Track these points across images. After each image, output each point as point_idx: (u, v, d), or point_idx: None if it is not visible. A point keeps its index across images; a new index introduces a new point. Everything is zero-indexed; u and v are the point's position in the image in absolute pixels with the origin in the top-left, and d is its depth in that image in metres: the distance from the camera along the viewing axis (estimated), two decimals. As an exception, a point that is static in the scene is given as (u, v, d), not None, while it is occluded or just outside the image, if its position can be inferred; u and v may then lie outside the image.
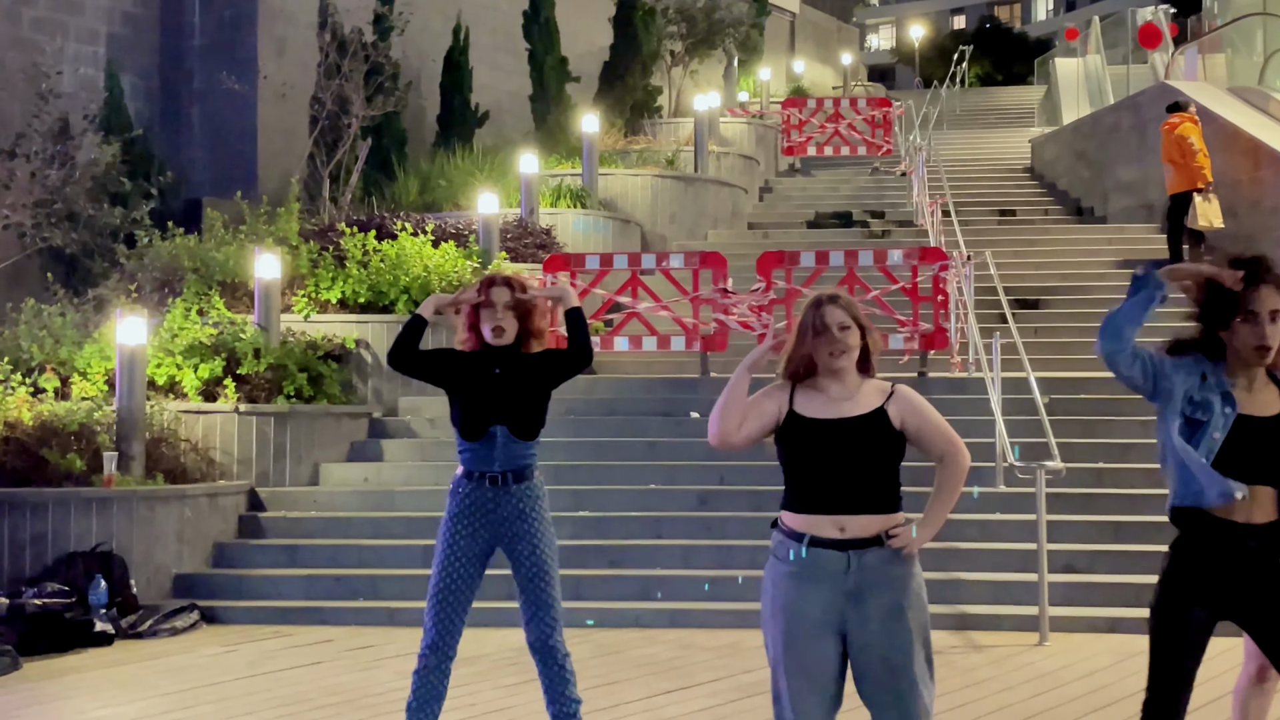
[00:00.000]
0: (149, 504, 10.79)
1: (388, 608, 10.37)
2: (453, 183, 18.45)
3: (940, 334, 13.21)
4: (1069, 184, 21.83)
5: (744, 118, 24.33)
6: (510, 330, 5.88)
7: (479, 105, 21.03)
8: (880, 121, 24.15)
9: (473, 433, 5.89)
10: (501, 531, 5.92)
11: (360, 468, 12.47)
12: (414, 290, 13.65)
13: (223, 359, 12.26)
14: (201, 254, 13.91)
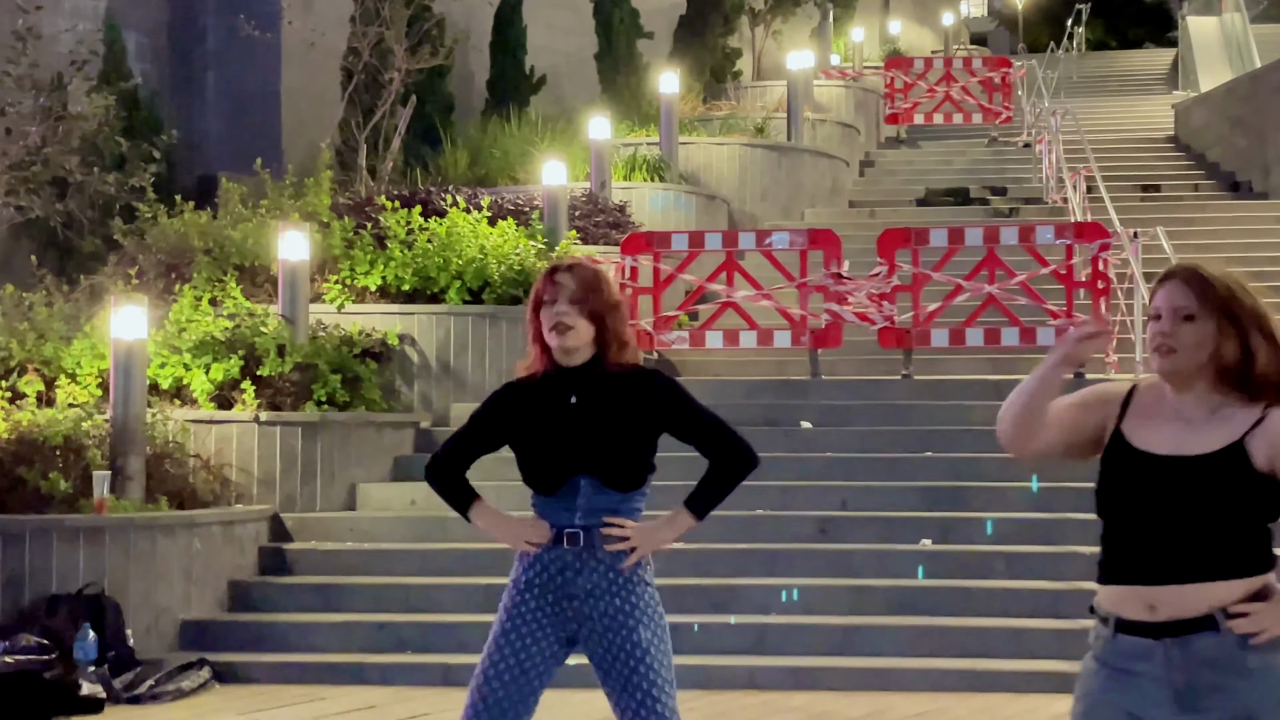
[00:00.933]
0: (150, 535, 9.62)
1: (442, 664, 9.14)
2: (508, 153, 17.34)
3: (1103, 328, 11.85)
4: (1221, 155, 20.51)
5: (841, 80, 23.03)
6: (581, 330, 4.54)
7: (534, 68, 19.87)
8: (999, 84, 22.82)
9: (547, 486, 4.60)
10: (584, 612, 4.53)
11: (406, 488, 11.26)
12: (468, 275, 12.46)
13: (240, 357, 11.09)
14: (215, 232, 12.76)
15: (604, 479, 4.51)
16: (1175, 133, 22.54)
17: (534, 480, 4.60)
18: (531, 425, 4.60)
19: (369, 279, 12.51)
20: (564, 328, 4.49)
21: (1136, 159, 21.21)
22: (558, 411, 4.56)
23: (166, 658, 9.27)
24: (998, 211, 18.07)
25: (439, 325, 12.28)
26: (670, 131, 17.23)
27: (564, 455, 4.52)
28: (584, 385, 4.56)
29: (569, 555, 4.51)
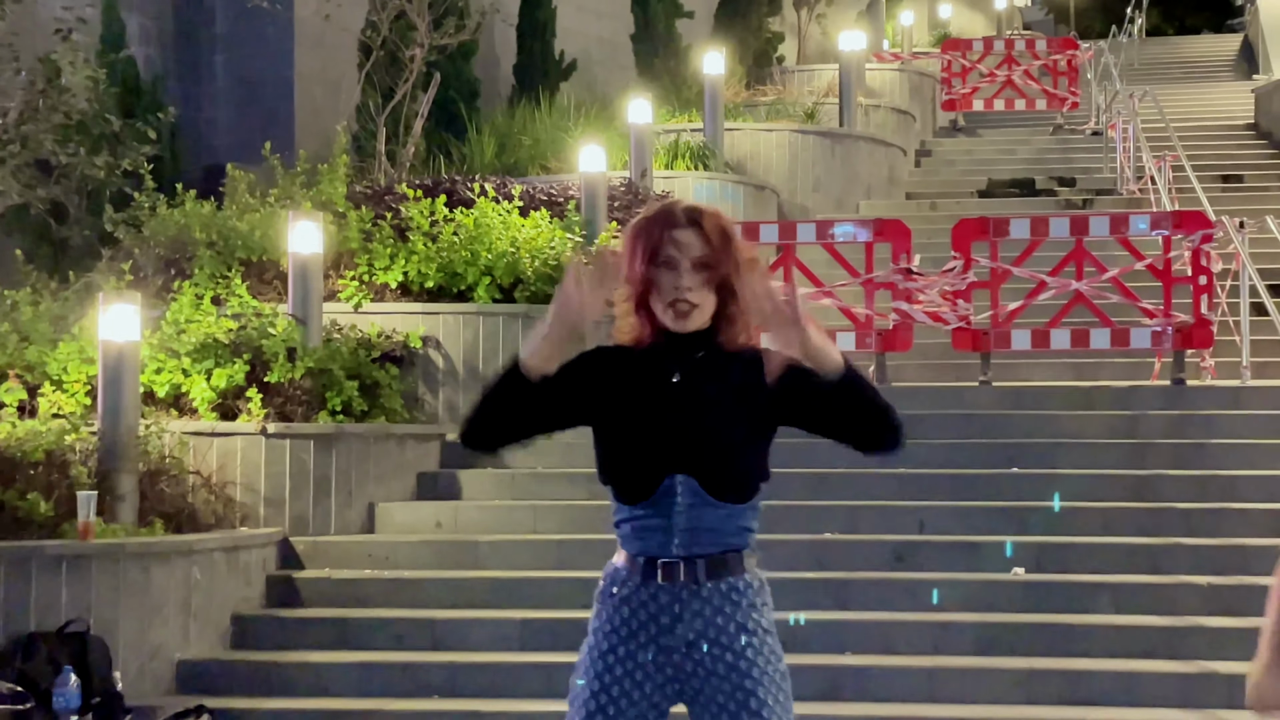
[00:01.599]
0: (143, 563, 8.74)
1: (473, 711, 8.28)
2: (539, 141, 16.55)
3: (1202, 327, 10.95)
4: (1310, 143, 19.53)
5: (895, 64, 22.13)
6: (706, 306, 3.68)
7: (564, 52, 19.05)
8: (1065, 68, 21.88)
9: (634, 488, 3.72)
10: (686, 668, 3.69)
11: (430, 508, 10.41)
12: (498, 271, 11.59)
13: (245, 362, 10.24)
14: (219, 224, 11.90)
15: (707, 484, 3.65)
16: (1255, 120, 21.57)
17: (618, 479, 3.75)
18: (621, 405, 3.73)
19: (389, 275, 11.65)
20: (687, 307, 3.64)
21: (1214, 147, 20.23)
22: (657, 392, 3.71)
23: (161, 703, 8.40)
24: (1069, 203, 17.16)
25: (467, 326, 11.41)
26: (715, 116, 16.40)
27: (660, 447, 3.67)
28: (693, 362, 3.72)
29: (664, 595, 3.66)
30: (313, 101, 17.36)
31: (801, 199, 16.97)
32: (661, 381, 3.71)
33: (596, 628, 3.77)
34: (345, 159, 12.80)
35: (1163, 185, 15.01)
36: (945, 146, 21.26)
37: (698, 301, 3.63)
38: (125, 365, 9.23)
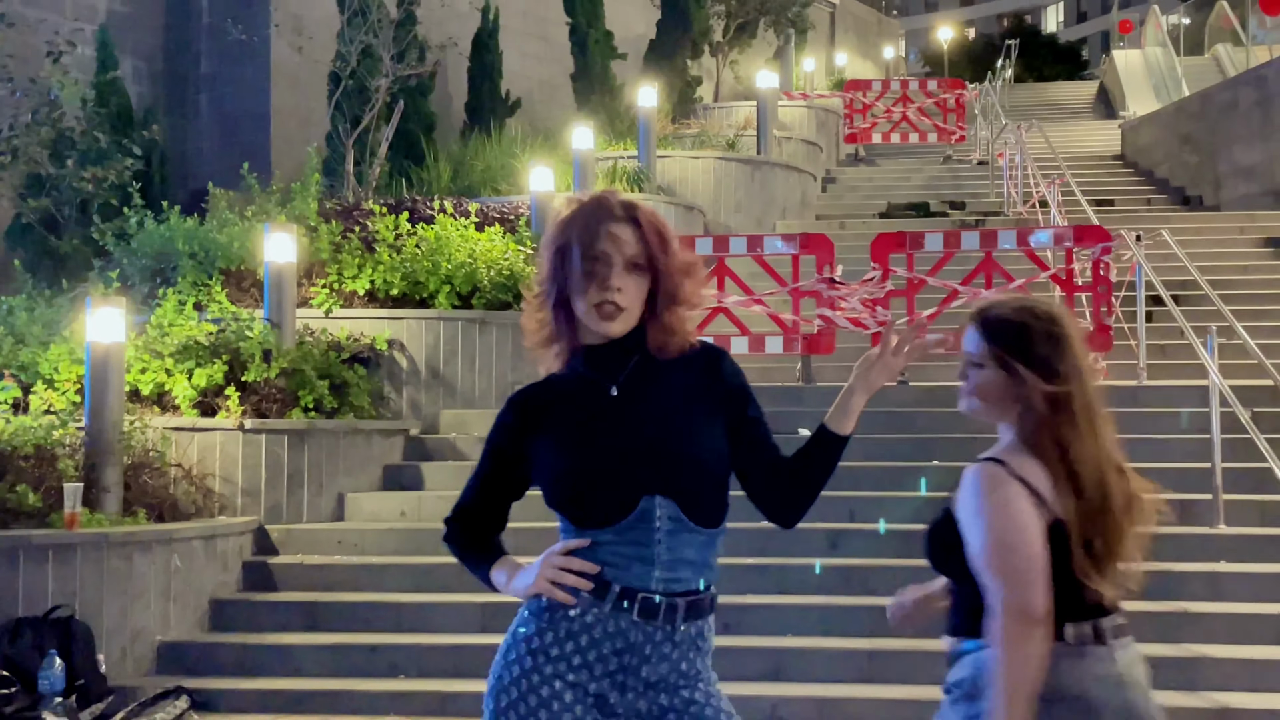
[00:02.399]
0: (125, 551, 7.98)
1: (439, 692, 7.56)
2: (490, 166, 15.91)
3: (1103, 332, 10.43)
4: (1170, 171, 19.17)
5: (803, 101, 21.60)
6: (634, 310, 2.94)
7: (509, 92, 18.47)
8: (953, 106, 21.42)
9: (605, 512, 2.91)
10: (637, 708, 2.91)
11: (396, 498, 9.70)
12: (457, 280, 10.93)
13: (224, 363, 9.51)
14: (201, 236, 11.14)
15: (687, 507, 2.88)
16: (1122, 151, 21.23)
17: (583, 503, 2.93)
18: (564, 429, 2.96)
19: (357, 283, 10.95)
20: (613, 310, 2.90)
21: (1087, 175, 19.82)
22: (596, 406, 2.95)
23: (142, 684, 7.65)
24: (962, 224, 16.64)
25: (428, 330, 10.74)
26: (648, 144, 15.75)
27: (626, 466, 2.89)
28: (625, 370, 2.98)
29: (636, 633, 2.88)
30: (287, 134, 16.87)
31: (725, 219, 16.38)
32: (598, 397, 2.96)
33: (539, 649, 2.92)
34: (317, 177, 12.04)
35: (1054, 206, 14.51)
36: (849, 174, 20.75)
37: (625, 304, 2.90)
38: (111, 365, 8.48)
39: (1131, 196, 18.61)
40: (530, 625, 2.95)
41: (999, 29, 78.07)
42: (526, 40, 20.62)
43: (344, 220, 11.79)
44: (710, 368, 3.00)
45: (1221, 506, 8.42)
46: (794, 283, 11.28)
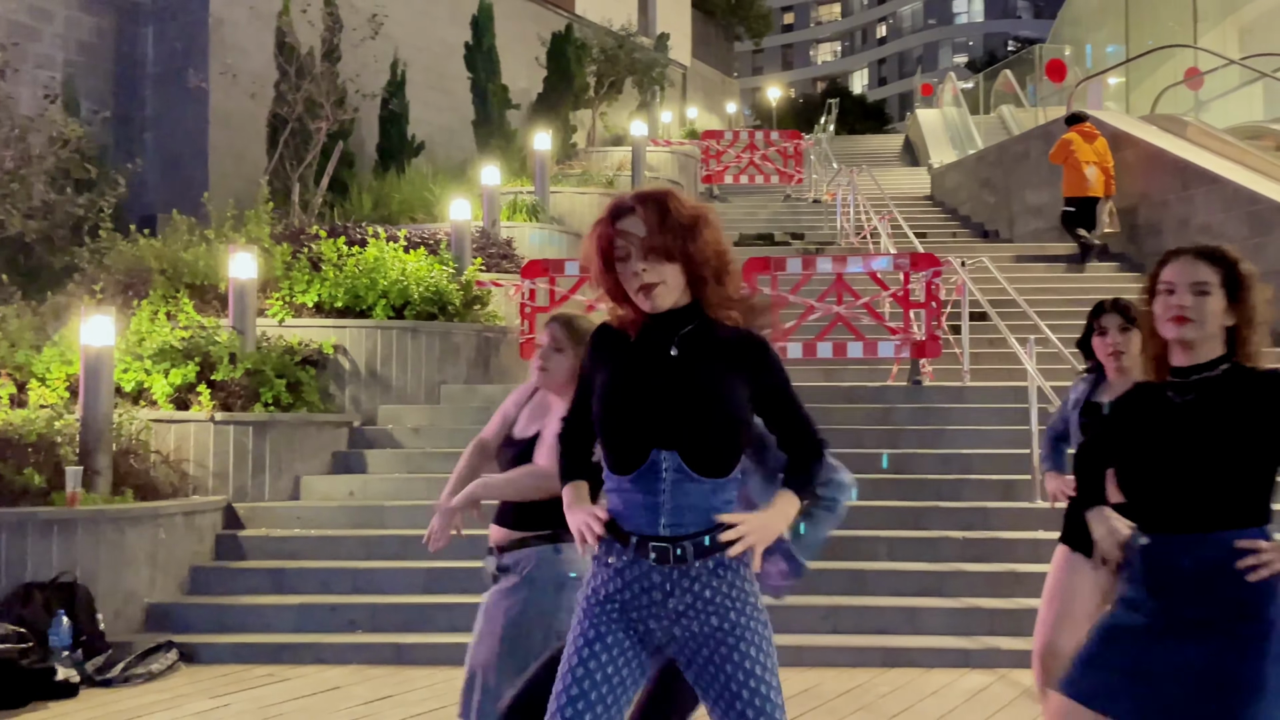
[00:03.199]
0: (118, 525, 7.91)
1: (394, 643, 7.64)
2: (408, 199, 15.88)
3: (933, 341, 10.82)
4: (972, 210, 19.75)
5: (667, 148, 21.87)
6: (671, 281, 2.94)
7: (414, 135, 18.42)
8: (792, 153, 21.85)
9: (623, 460, 2.96)
10: (674, 634, 2.98)
11: (344, 480, 9.69)
12: (392, 295, 10.94)
13: (196, 364, 9.43)
14: (169, 255, 11.00)
15: (690, 458, 2.89)
16: (932, 192, 21.84)
17: (608, 449, 2.98)
18: (620, 378, 2.98)
19: (306, 297, 10.91)
20: (649, 288, 2.92)
21: (904, 212, 20.32)
22: (651, 365, 2.97)
23: (134, 640, 7.61)
24: (805, 251, 17.02)
25: (368, 337, 10.73)
26: (543, 181, 15.89)
27: (645, 419, 2.92)
28: (686, 335, 2.98)
29: (656, 574, 2.93)
30: (222, 169, 16.73)
31: (608, 245, 16.55)
32: (658, 355, 2.98)
33: (592, 590, 3.03)
34: (271, 205, 11.96)
35: (885, 236, 14.94)
36: (707, 209, 21.04)
37: (656, 279, 2.91)
38: (102, 365, 8.39)
39: (941, 230, 19.15)
40: (591, 569, 3.07)
41: (815, 90, 79.61)
42: (428, 92, 20.57)
43: (292, 243, 11.73)
44: (753, 349, 3.03)
45: (1038, 484, 8.80)
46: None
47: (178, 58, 17.19)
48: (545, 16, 24.75)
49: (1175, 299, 3.19)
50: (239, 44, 17.03)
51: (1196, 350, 3.20)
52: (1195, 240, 3.56)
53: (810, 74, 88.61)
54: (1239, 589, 3.00)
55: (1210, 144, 15.48)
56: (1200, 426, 3.12)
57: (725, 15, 38.02)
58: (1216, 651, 2.98)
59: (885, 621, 7.71)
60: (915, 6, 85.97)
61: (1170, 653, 3.04)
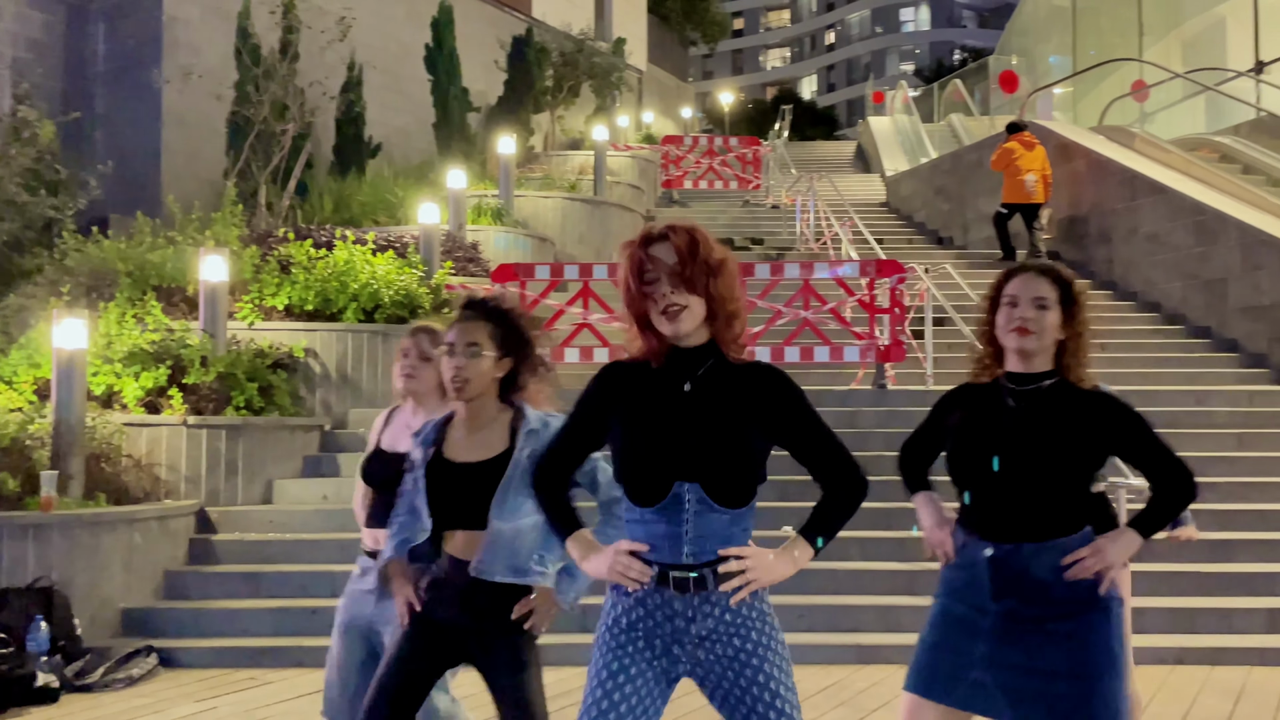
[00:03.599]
0: (93, 530, 7.85)
1: (375, 645, 7.62)
2: (371, 201, 15.78)
3: (897, 346, 10.96)
4: (927, 216, 19.95)
5: (628, 152, 21.92)
6: (694, 308, 2.99)
7: (371, 137, 18.26)
8: (751, 159, 21.98)
9: (646, 493, 2.99)
10: (697, 657, 3.03)
11: (317, 484, 9.65)
12: (363, 298, 10.89)
13: (167, 367, 9.36)
14: (135, 258, 10.90)
15: (710, 490, 2.94)
16: (887, 199, 22.03)
17: (631, 483, 3.01)
18: (638, 413, 3.03)
19: (276, 299, 10.84)
20: (675, 309, 2.96)
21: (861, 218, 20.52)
22: (669, 400, 3.01)
23: (111, 645, 7.54)
24: (766, 256, 17.14)
25: (338, 341, 10.69)
26: (508, 185, 15.88)
27: (669, 454, 2.96)
28: (700, 372, 3.04)
29: (678, 602, 2.98)
30: (175, 168, 16.56)
31: (571, 249, 16.57)
32: (674, 391, 3.02)
33: (614, 618, 3.06)
34: (239, 207, 11.88)
35: (846, 242, 15.06)
36: (666, 214, 20.98)
37: (682, 303, 2.96)
38: (75, 369, 8.31)
39: (897, 236, 19.31)
40: (610, 599, 3.10)
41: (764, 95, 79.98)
42: (385, 94, 20.45)
43: (260, 245, 11.66)
44: (769, 381, 3.07)
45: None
46: (646, 303, 11.54)
47: (130, 55, 17.01)
48: (502, 19, 24.73)
49: (1018, 311, 3.42)
50: (193, 42, 16.88)
51: (1032, 361, 3.44)
52: (1037, 258, 3.76)
53: (760, 79, 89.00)
54: (1075, 585, 3.28)
55: (1156, 155, 15.78)
56: (1035, 438, 3.35)
57: (680, 20, 38.15)
58: (1063, 641, 3.23)
59: (859, 620, 7.81)
60: (863, 14, 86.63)
61: (1016, 646, 3.28)
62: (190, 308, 10.64)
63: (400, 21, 21.31)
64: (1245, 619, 7.81)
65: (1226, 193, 14.33)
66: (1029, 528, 3.33)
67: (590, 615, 8.06)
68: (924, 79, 59.74)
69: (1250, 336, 12.74)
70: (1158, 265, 14.44)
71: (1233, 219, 13.18)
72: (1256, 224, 13.02)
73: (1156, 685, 6.79)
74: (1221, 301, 13.23)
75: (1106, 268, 15.41)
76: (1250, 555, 8.52)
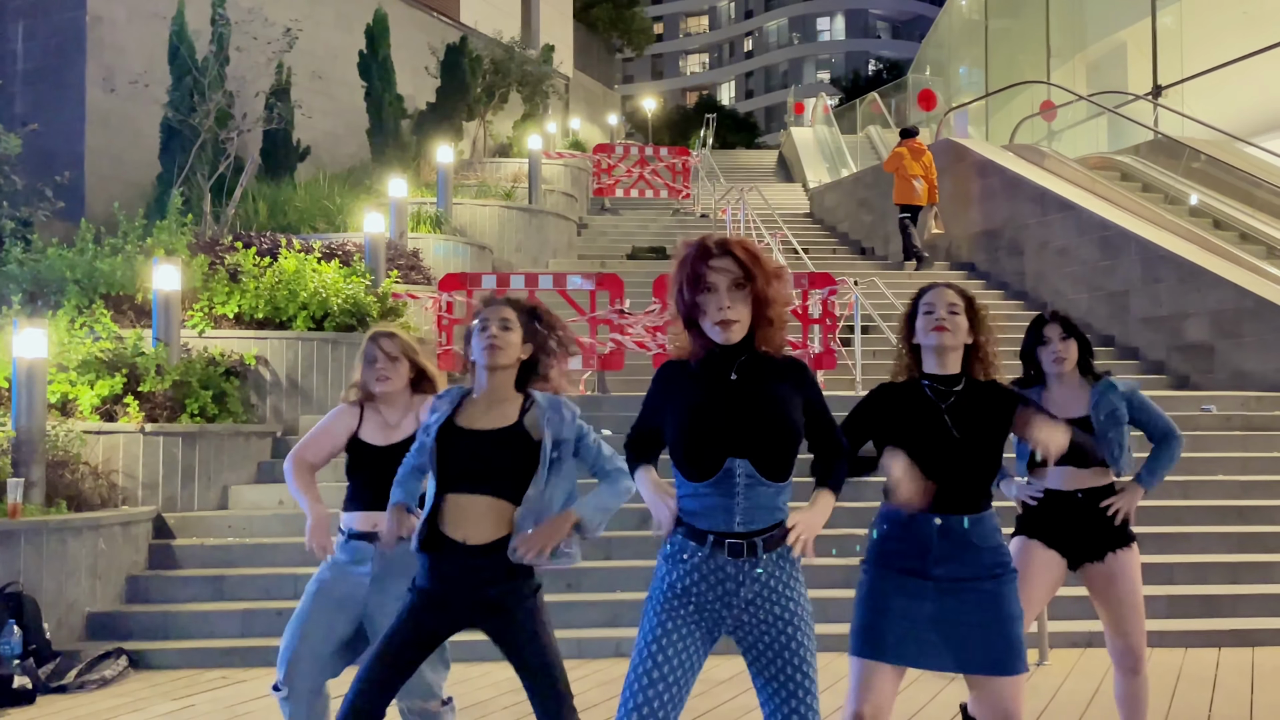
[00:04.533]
0: (60, 536, 7.99)
1: (342, 646, 7.84)
2: (308, 208, 15.86)
3: (829, 354, 11.39)
4: (850, 228, 20.49)
5: (560, 160, 22.20)
6: (744, 320, 3.39)
7: (300, 141, 18.30)
8: (680, 169, 22.38)
9: (701, 469, 3.35)
10: (742, 620, 3.44)
11: (272, 490, 9.83)
12: (312, 306, 11.10)
13: (123, 375, 9.50)
14: (83, 265, 10.99)
15: (760, 465, 3.33)
16: (811, 210, 22.52)
17: (687, 460, 3.38)
18: (690, 400, 3.41)
19: (226, 308, 11.01)
20: (729, 323, 3.37)
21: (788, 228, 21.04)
22: (717, 388, 3.41)
23: (80, 648, 7.71)
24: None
25: (289, 349, 10.88)
26: (446, 193, 16.11)
27: (722, 433, 3.34)
28: (742, 363, 3.44)
29: (730, 566, 3.37)
30: (100, 172, 16.49)
31: (508, 256, 16.83)
32: (721, 380, 3.41)
33: (669, 582, 3.43)
34: (190, 217, 11.99)
35: (777, 252, 15.48)
36: (599, 222, 21.37)
37: (737, 317, 3.36)
38: (35, 377, 8.43)
39: (821, 247, 19.77)
40: (663, 567, 3.49)
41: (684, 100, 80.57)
42: (313, 97, 20.48)
43: (207, 253, 11.79)
44: (798, 371, 3.53)
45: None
46: (591, 312, 11.86)
47: (51, 55, 16.90)
48: (432, 25, 24.88)
49: (936, 315, 3.99)
50: (118, 43, 16.82)
51: (948, 361, 3.99)
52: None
53: (680, 84, 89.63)
54: (994, 551, 3.89)
55: (1065, 173, 16.49)
56: (962, 428, 3.90)
57: (607, 28, 38.50)
58: (989, 597, 3.83)
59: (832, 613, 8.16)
60: (780, 22, 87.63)
61: (954, 603, 3.84)
62: (139, 315, 10.77)
63: (329, 25, 21.39)
64: (1150, 605, 8.33)
65: (1128, 210, 15.07)
66: (968, 502, 3.89)
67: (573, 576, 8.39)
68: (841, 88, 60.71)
69: (1150, 345, 13.47)
70: (1066, 277, 15.09)
71: (1134, 235, 13.91)
72: (1156, 240, 13.75)
73: (1069, 666, 7.28)
74: (1124, 312, 13.93)
75: (1019, 279, 16.04)
76: (1153, 548, 9.02)
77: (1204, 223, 15.10)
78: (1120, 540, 4.89)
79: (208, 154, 13.87)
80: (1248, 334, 12.27)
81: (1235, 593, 8.52)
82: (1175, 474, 9.84)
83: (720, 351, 3.44)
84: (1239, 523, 9.53)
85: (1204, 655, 7.68)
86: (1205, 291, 12.87)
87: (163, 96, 14.80)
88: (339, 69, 20.29)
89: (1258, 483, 10.10)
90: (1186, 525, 9.42)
